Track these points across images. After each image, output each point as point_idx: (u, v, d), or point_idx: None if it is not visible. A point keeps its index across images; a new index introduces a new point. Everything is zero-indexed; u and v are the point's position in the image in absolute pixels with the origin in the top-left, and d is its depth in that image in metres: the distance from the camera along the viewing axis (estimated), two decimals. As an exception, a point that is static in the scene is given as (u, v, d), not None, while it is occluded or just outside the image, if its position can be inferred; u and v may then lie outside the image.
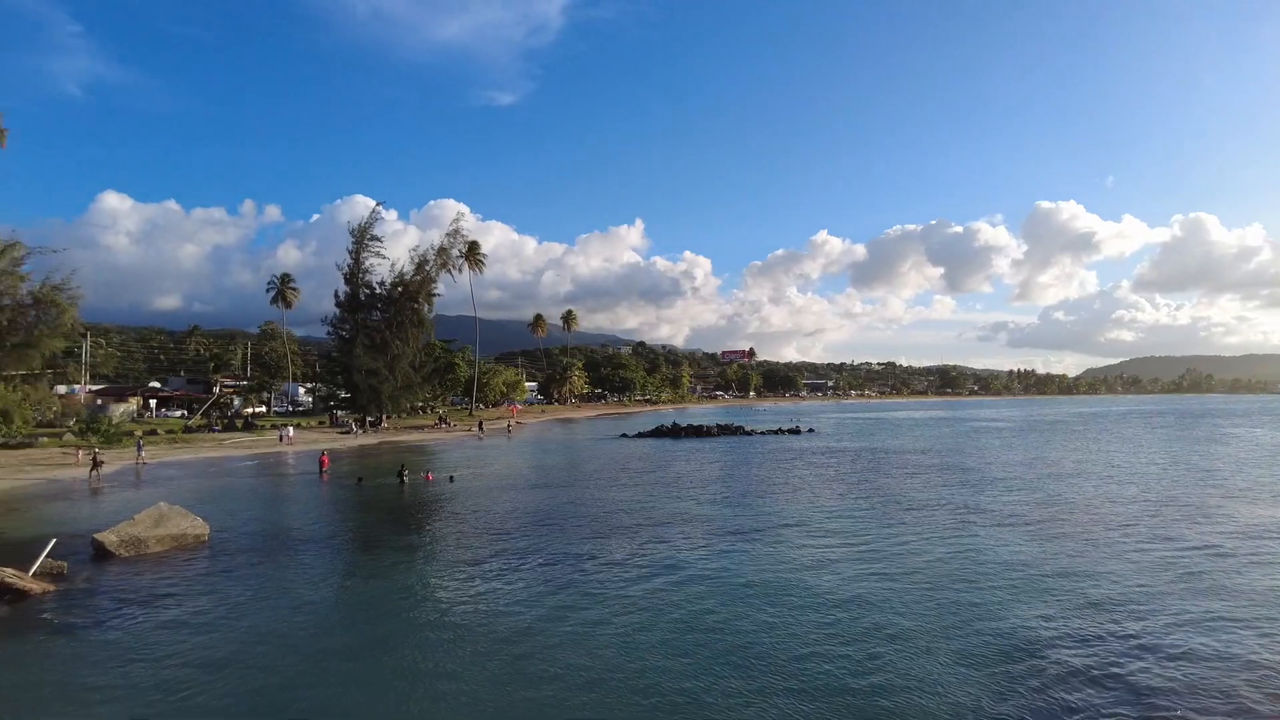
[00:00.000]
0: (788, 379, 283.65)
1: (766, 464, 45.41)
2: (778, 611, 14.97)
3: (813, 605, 15.40)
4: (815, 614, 14.83)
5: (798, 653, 12.70)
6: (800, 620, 14.47)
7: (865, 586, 16.83)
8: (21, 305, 44.54)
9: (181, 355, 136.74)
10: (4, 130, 35.62)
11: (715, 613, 14.95)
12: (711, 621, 14.38)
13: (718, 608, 15.28)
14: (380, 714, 10.66)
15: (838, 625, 14.17)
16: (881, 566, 18.63)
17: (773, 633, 13.73)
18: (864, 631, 13.79)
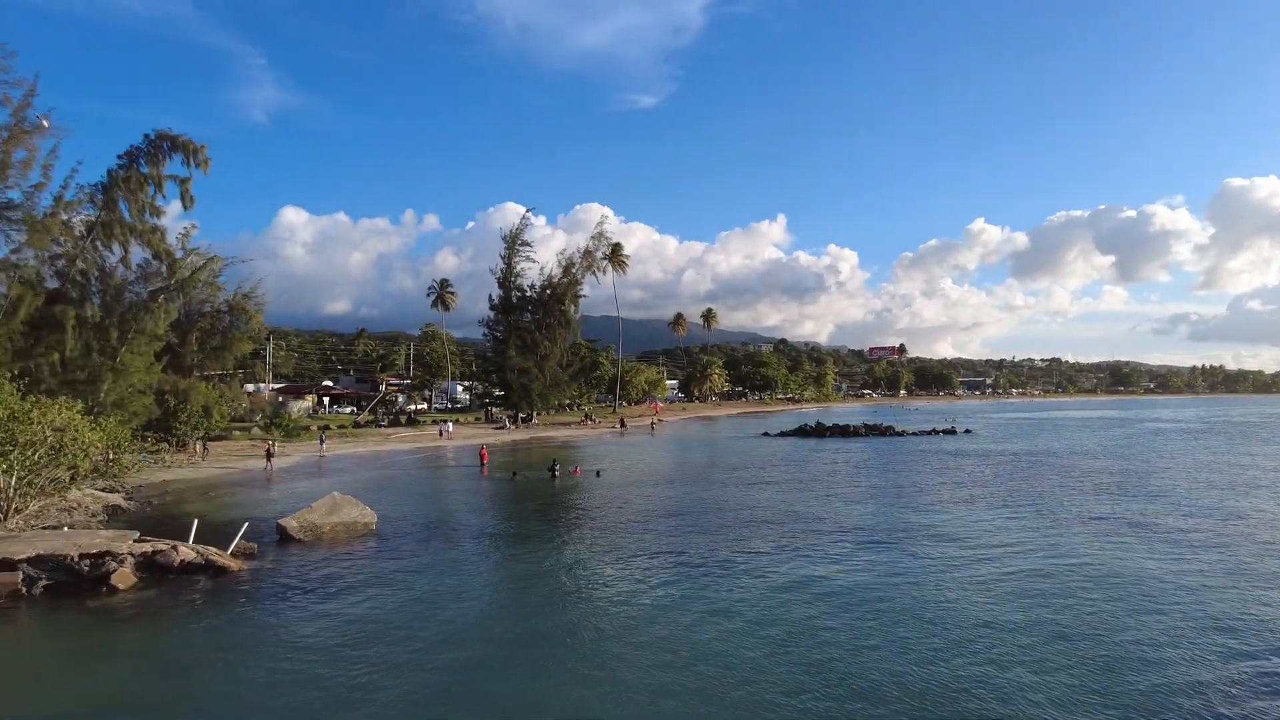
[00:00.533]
0: (941, 377, 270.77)
1: (917, 466, 43.63)
2: (917, 629, 14.02)
3: (956, 624, 14.39)
4: (955, 632, 13.90)
5: (935, 678, 12.09)
6: (941, 641, 13.61)
7: (1021, 611, 15.69)
8: (219, 312, 49.84)
9: (351, 356, 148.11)
10: (208, 159, 39.64)
11: (853, 625, 14.42)
12: (848, 634, 13.87)
13: (856, 620, 14.72)
14: (535, 702, 11.21)
15: (985, 652, 13.29)
16: (1042, 587, 16.94)
17: (909, 653, 12.91)
18: (1015, 662, 12.98)
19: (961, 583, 17.16)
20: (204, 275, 44.78)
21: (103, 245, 37.10)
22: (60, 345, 32.99)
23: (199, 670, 12.50)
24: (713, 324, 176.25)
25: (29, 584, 16.90)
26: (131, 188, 37.52)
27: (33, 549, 17.72)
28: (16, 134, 31.81)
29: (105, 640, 14.24)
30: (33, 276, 33.66)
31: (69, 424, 22.08)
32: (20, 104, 31.78)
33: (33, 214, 32.87)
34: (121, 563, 17.59)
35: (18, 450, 20.61)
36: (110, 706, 11.17)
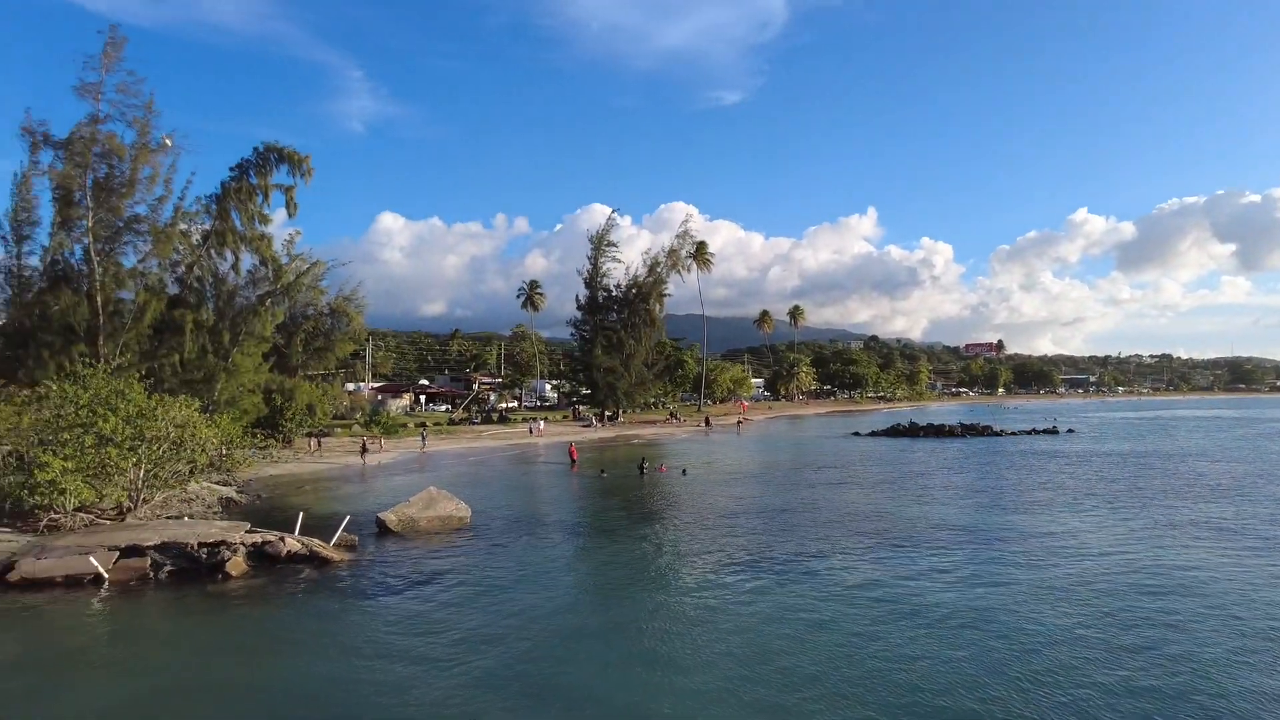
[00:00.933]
0: (1042, 374, 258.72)
1: (1016, 467, 41.82)
2: (1006, 642, 13.36)
3: (1048, 640, 13.60)
4: (1046, 649, 13.10)
5: (1020, 695, 11.58)
6: (1030, 656, 12.94)
7: (1124, 631, 14.83)
8: (322, 315, 52.29)
9: (445, 355, 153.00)
10: (311, 169, 41.66)
11: (937, 634, 13.85)
12: (932, 644, 13.34)
13: (941, 630, 14.17)
14: (617, 698, 11.31)
15: (1081, 674, 12.64)
16: (1150, 607, 15.94)
17: (995, 671, 12.42)
18: (1122, 687, 12.28)
19: (1058, 594, 16.19)
20: (307, 280, 47.06)
21: (216, 252, 39.50)
22: (180, 347, 35.30)
23: (303, 655, 13.14)
24: (800, 321, 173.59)
25: (155, 569, 18.16)
26: (242, 198, 39.82)
27: (158, 537, 19.04)
28: (143, 153, 34.21)
29: (220, 623, 15.14)
30: (156, 283, 36.10)
31: (188, 421, 23.61)
32: (146, 126, 34.16)
33: (157, 225, 35.28)
34: (235, 552, 18.67)
35: (145, 445, 22.16)
36: (224, 684, 11.86)
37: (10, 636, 14.46)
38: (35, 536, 19.83)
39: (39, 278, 34.59)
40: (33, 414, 22.95)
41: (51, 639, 14.38)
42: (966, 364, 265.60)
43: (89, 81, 32.73)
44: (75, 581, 17.38)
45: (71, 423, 21.78)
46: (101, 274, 33.43)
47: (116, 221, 34.29)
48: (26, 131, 33.35)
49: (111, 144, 33.46)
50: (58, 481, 19.99)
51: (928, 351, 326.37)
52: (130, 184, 34.15)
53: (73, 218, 33.45)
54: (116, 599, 16.54)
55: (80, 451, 20.87)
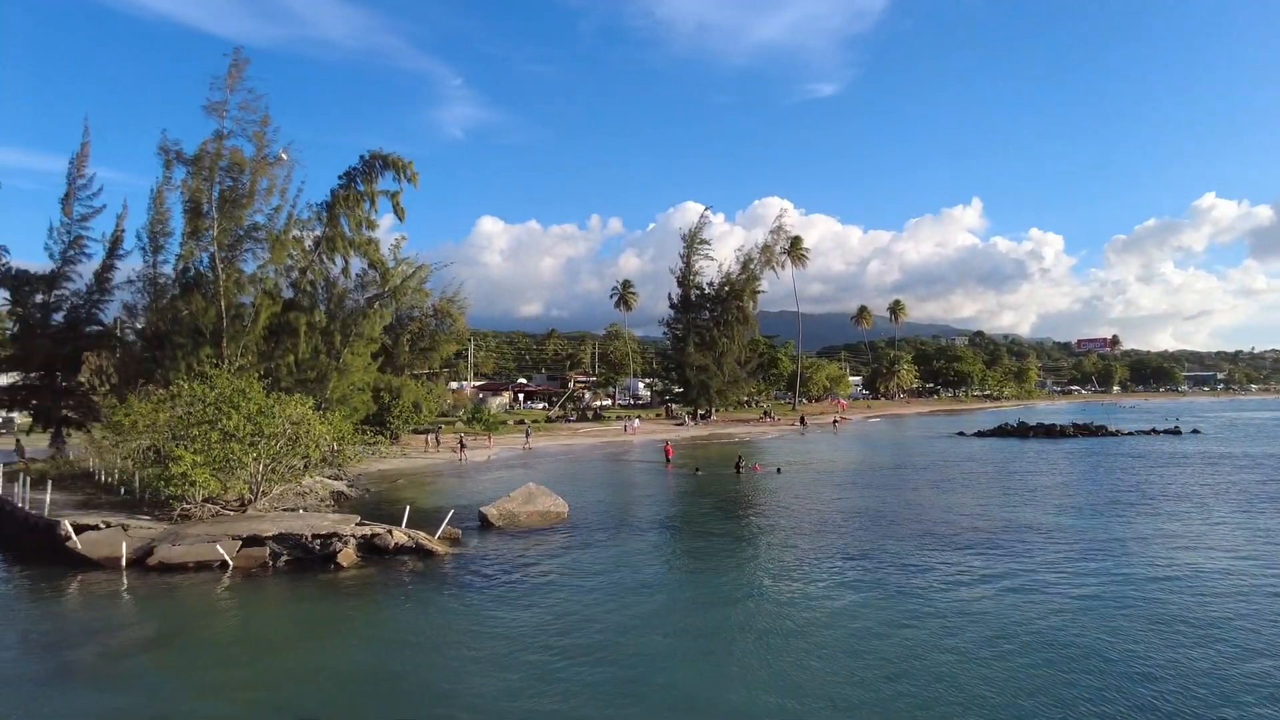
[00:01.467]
0: (1162, 371, 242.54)
1: (1135, 470, 39.31)
2: (1123, 659, 12.71)
3: (1171, 664, 12.84)
4: (1169, 669, 12.32)
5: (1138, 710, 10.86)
6: (1149, 672, 12.23)
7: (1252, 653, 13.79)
8: (426, 316, 54.22)
9: (542, 355, 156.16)
10: (416, 174, 43.33)
11: (1049, 647, 13.18)
12: (1053, 663, 12.65)
13: (1052, 641, 13.48)
14: (708, 697, 11.28)
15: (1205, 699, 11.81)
16: None
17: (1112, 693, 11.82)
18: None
19: (1179, 609, 15.20)
20: (413, 282, 48.80)
21: (327, 258, 41.52)
22: (294, 348, 37.27)
23: (408, 644, 13.67)
24: (900, 316, 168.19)
25: (274, 557, 19.29)
26: (350, 204, 41.72)
27: (276, 528, 20.21)
28: (262, 166, 36.36)
29: (332, 611, 15.93)
30: (273, 288, 38.25)
31: (303, 418, 24.92)
32: (265, 140, 36.28)
33: (273, 233, 37.41)
34: (345, 543, 19.61)
35: (264, 440, 23.54)
36: (334, 669, 12.48)
37: (149, 614, 15.69)
38: (170, 525, 21.37)
39: (172, 285, 37.25)
40: (168, 411, 24.73)
41: (183, 619, 15.48)
42: (1078, 361, 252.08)
43: (215, 100, 35.03)
44: (204, 566, 18.68)
45: (200, 419, 23.37)
46: (224, 280, 35.68)
47: (238, 230, 36.53)
48: (163, 150, 36.00)
49: (235, 158, 35.67)
50: (188, 474, 21.47)
51: (1036, 348, 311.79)
52: (250, 195, 36.33)
53: (200, 228, 35.82)
54: (239, 584, 17.65)
55: (208, 446, 22.36)
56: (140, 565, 18.83)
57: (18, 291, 38.08)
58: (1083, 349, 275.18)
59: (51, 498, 22.88)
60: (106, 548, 19.45)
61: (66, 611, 16.16)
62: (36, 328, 38.13)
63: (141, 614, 15.82)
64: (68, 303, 39.16)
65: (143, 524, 21.26)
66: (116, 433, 25.86)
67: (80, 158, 39.21)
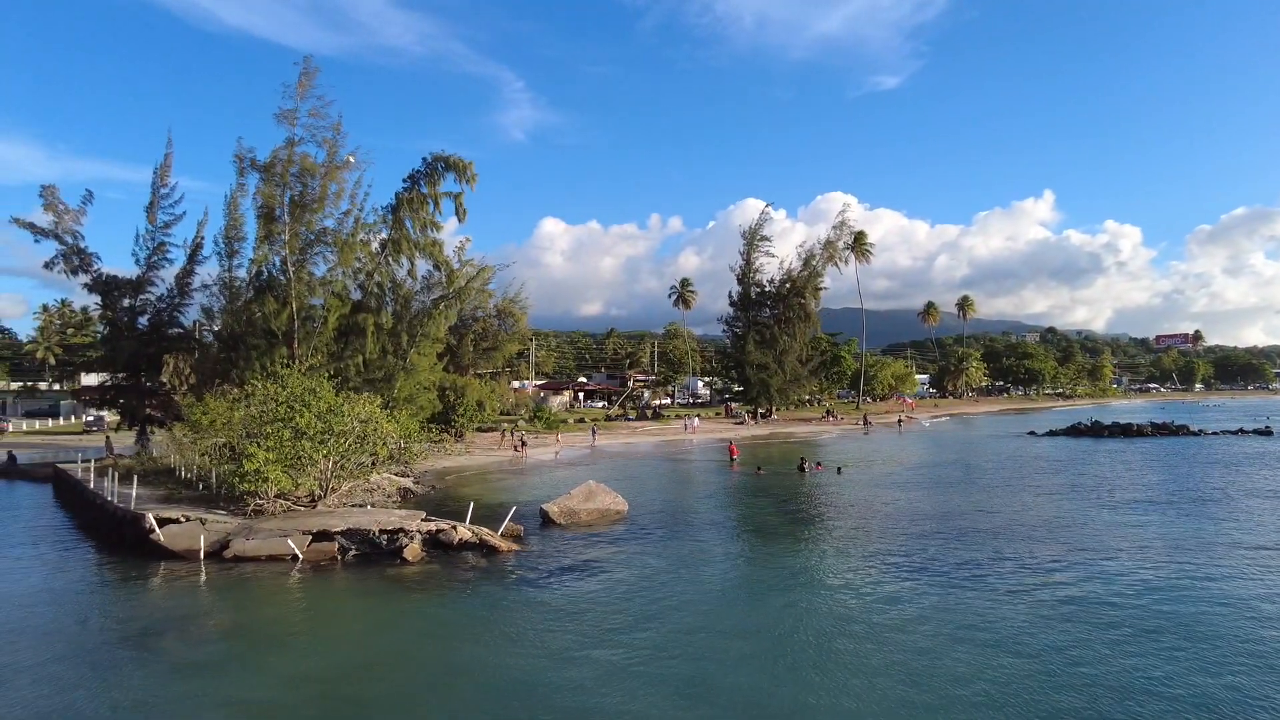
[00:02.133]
0: (1250, 368, 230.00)
1: (1220, 471, 37.34)
2: (1212, 671, 12.15)
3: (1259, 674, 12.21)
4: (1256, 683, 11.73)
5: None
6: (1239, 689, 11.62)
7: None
8: (490, 317, 55.06)
9: (602, 354, 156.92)
10: (475, 175, 43.89)
11: (1123, 659, 12.61)
12: (1114, 670, 12.13)
13: (1127, 653, 12.86)
14: (764, 699, 11.10)
15: None
16: None
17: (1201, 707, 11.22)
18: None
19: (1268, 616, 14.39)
20: (477, 283, 49.59)
21: (393, 260, 42.47)
22: (362, 349, 38.25)
23: (471, 639, 13.86)
24: (969, 313, 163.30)
25: (343, 552, 19.80)
26: (414, 207, 42.56)
27: (345, 523, 20.76)
28: (331, 171, 37.42)
29: (398, 605, 16.25)
30: (341, 290, 39.34)
31: (371, 416, 25.54)
32: (334, 146, 37.33)
33: (341, 237, 38.47)
34: (411, 539, 20.00)
35: (334, 438, 24.20)
36: (399, 661, 12.71)
37: (225, 604, 16.28)
38: (244, 519, 22.16)
39: (246, 288, 38.65)
40: (242, 410, 25.64)
41: (256, 609, 16.02)
42: (1157, 357, 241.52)
43: (286, 108, 36.21)
44: (276, 559, 19.32)
45: (272, 418, 24.16)
46: (296, 283, 36.84)
47: (308, 235, 37.68)
48: (237, 158, 37.40)
49: (306, 164, 36.80)
50: (262, 470, 22.23)
51: (1112, 344, 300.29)
52: (320, 200, 37.44)
53: (273, 232, 37.06)
54: (309, 577, 18.17)
55: (280, 444, 23.10)
56: (217, 557, 19.59)
57: (107, 296, 40.02)
58: (1162, 345, 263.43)
59: (137, 492, 23.98)
60: (186, 540, 20.29)
61: (150, 599, 16.92)
62: (124, 330, 40.04)
63: (218, 603, 16.43)
64: (151, 306, 40.99)
65: (219, 518, 22.11)
66: (195, 431, 26.93)
67: (163, 168, 40.98)
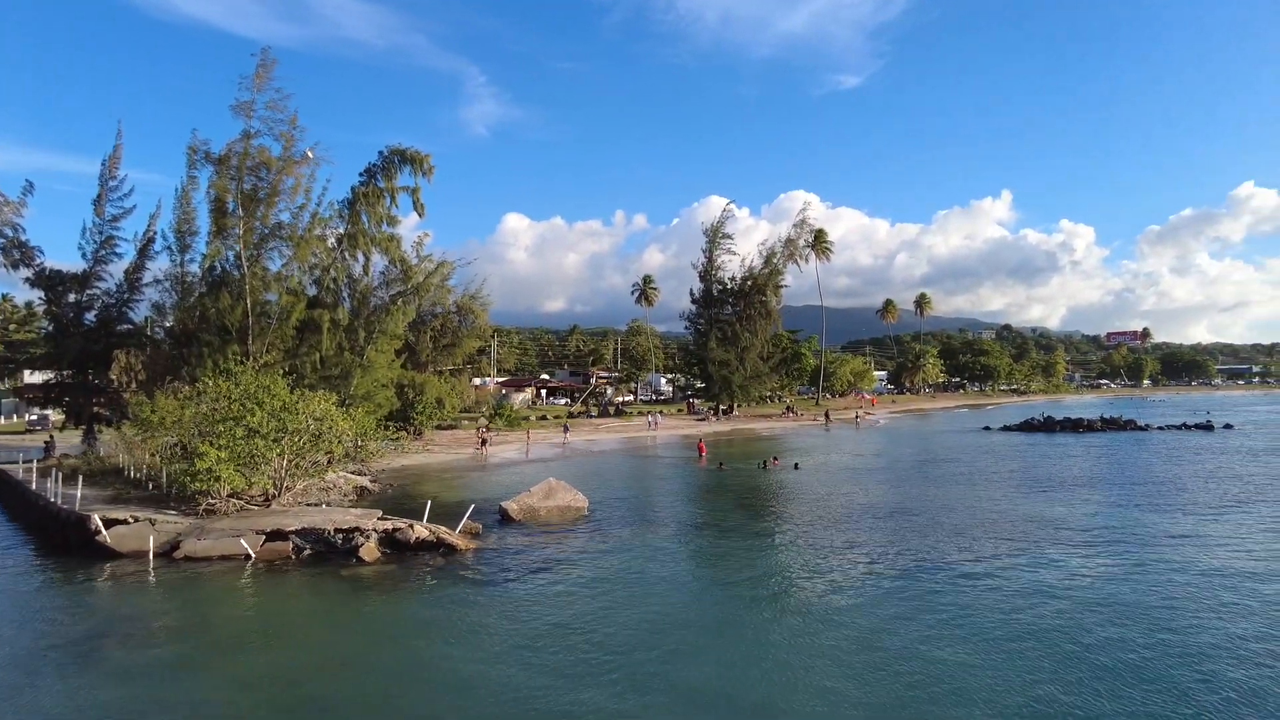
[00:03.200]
0: (1194, 364, 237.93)
1: (1164, 465, 38.60)
2: (1150, 659, 12.61)
3: (1201, 660, 12.72)
4: (1200, 666, 12.22)
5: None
6: (1184, 673, 12.08)
7: None
8: (449, 313, 54.55)
9: (565, 351, 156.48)
10: (432, 167, 43.46)
11: (1066, 643, 13.01)
12: (1058, 654, 12.51)
13: (1071, 639, 13.26)
14: (725, 693, 11.25)
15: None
16: None
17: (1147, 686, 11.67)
18: None
19: (1215, 607, 14.97)
20: (436, 279, 49.13)
21: (350, 255, 41.91)
22: (318, 345, 37.68)
23: (429, 639, 13.78)
24: (926, 310, 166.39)
25: (297, 551, 19.54)
26: (371, 201, 42.05)
27: (299, 522, 20.46)
28: (288, 165, 36.74)
29: (354, 605, 16.08)
30: (297, 286, 38.67)
31: (326, 414, 25.17)
32: (291, 139, 36.64)
33: (297, 231, 37.81)
34: (368, 538, 19.79)
35: (288, 436, 23.82)
36: (353, 662, 12.60)
37: (174, 605, 15.95)
38: (196, 519, 21.71)
39: (199, 283, 37.79)
40: (194, 408, 25.10)
41: (207, 610, 15.73)
42: (1108, 354, 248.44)
43: (243, 101, 35.45)
44: (229, 559, 18.99)
45: (225, 416, 23.71)
46: (250, 278, 36.13)
47: (263, 229, 36.98)
48: (191, 150, 36.54)
49: (262, 158, 36.10)
50: (214, 469, 21.79)
51: (1065, 341, 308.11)
52: (276, 194, 36.76)
53: (226, 227, 36.29)
54: (263, 578, 17.89)
55: (232, 442, 22.68)
56: (167, 558, 19.20)
57: (52, 291, 38.83)
58: (1112, 342, 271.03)
59: (82, 493, 23.34)
60: (135, 541, 19.84)
61: (94, 602, 16.50)
62: (69, 326, 38.88)
63: (167, 605, 16.08)
64: (99, 302, 39.85)
65: (170, 518, 21.63)
66: (144, 429, 26.30)
67: (113, 159, 39.83)
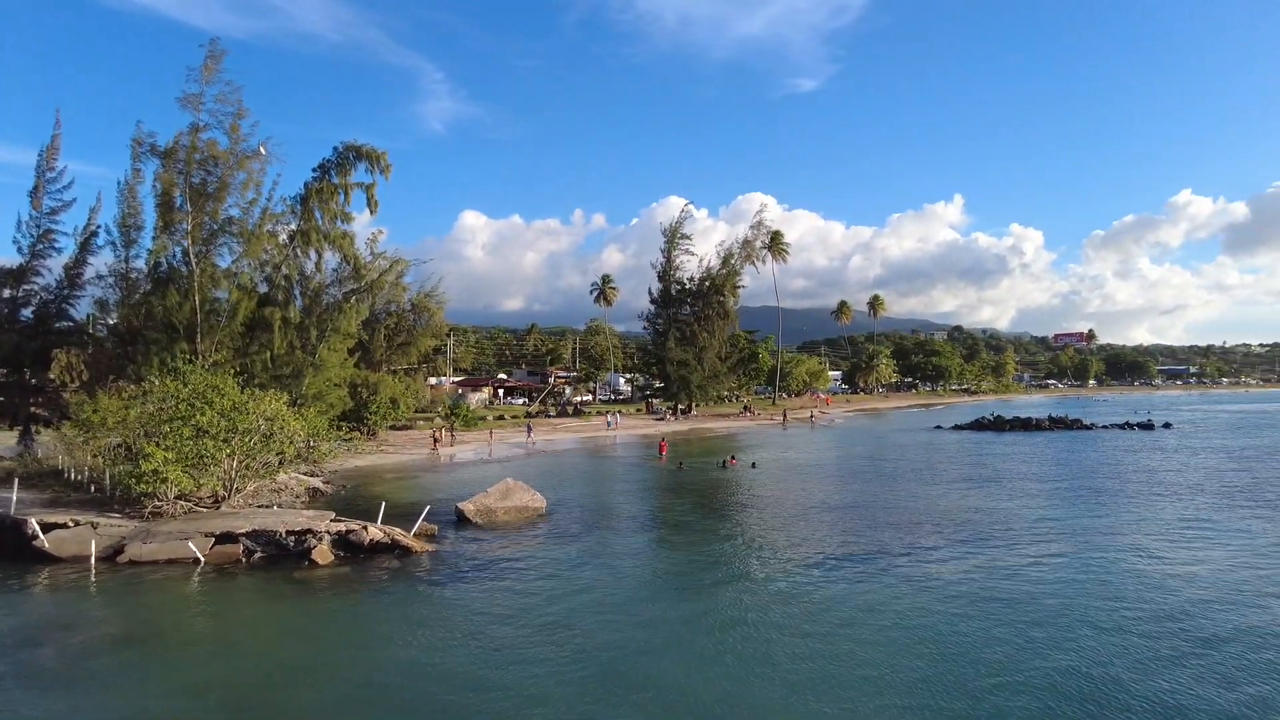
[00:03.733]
0: (1136, 365, 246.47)
1: (1108, 463, 39.92)
2: (1104, 639, 13.10)
3: (1135, 641, 13.20)
4: (1135, 649, 12.70)
5: (1110, 691, 11.08)
6: (1117, 658, 12.52)
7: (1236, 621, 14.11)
8: (404, 311, 53.77)
9: (523, 350, 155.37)
10: (389, 165, 42.90)
11: (1011, 633, 13.43)
12: (1014, 646, 12.91)
13: (1017, 628, 13.72)
14: (682, 688, 11.32)
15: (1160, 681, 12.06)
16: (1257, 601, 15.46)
17: (1090, 664, 12.09)
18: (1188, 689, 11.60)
19: (1146, 581, 15.58)
20: (390, 277, 48.39)
21: (302, 252, 41.03)
22: (269, 344, 36.88)
23: (383, 642, 13.58)
24: (879, 311, 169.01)
25: (248, 554, 19.10)
26: (324, 197, 41.24)
27: (250, 524, 20.00)
28: (239, 159, 35.87)
29: (306, 608, 15.81)
30: (248, 283, 37.79)
31: (277, 414, 24.66)
32: (241, 133, 35.79)
33: (248, 227, 36.94)
34: (320, 540, 19.44)
35: (238, 437, 23.29)
36: (305, 667, 12.38)
37: (117, 613, 15.46)
38: (141, 522, 21.09)
39: (144, 279, 36.70)
40: (139, 408, 24.37)
41: (152, 617, 15.30)
42: (1055, 355, 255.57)
43: (191, 93, 34.50)
44: (176, 564, 18.47)
45: (172, 415, 23.07)
46: (199, 275, 35.21)
47: (212, 225, 36.06)
48: (135, 142, 35.44)
49: (211, 151, 35.19)
50: (160, 471, 21.19)
51: (1015, 342, 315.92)
52: (225, 188, 35.87)
53: (174, 222, 35.30)
54: (212, 582, 17.46)
55: (180, 443, 22.07)
56: (110, 563, 18.58)
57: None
58: (1060, 343, 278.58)
59: (18, 496, 22.47)
60: (75, 546, 19.18)
61: (31, 609, 15.90)
62: (3, 323, 37.40)
63: (109, 612, 15.60)
64: (36, 298, 38.40)
65: (113, 522, 20.96)
66: (86, 430, 25.45)
67: (50, 150, 38.40)
